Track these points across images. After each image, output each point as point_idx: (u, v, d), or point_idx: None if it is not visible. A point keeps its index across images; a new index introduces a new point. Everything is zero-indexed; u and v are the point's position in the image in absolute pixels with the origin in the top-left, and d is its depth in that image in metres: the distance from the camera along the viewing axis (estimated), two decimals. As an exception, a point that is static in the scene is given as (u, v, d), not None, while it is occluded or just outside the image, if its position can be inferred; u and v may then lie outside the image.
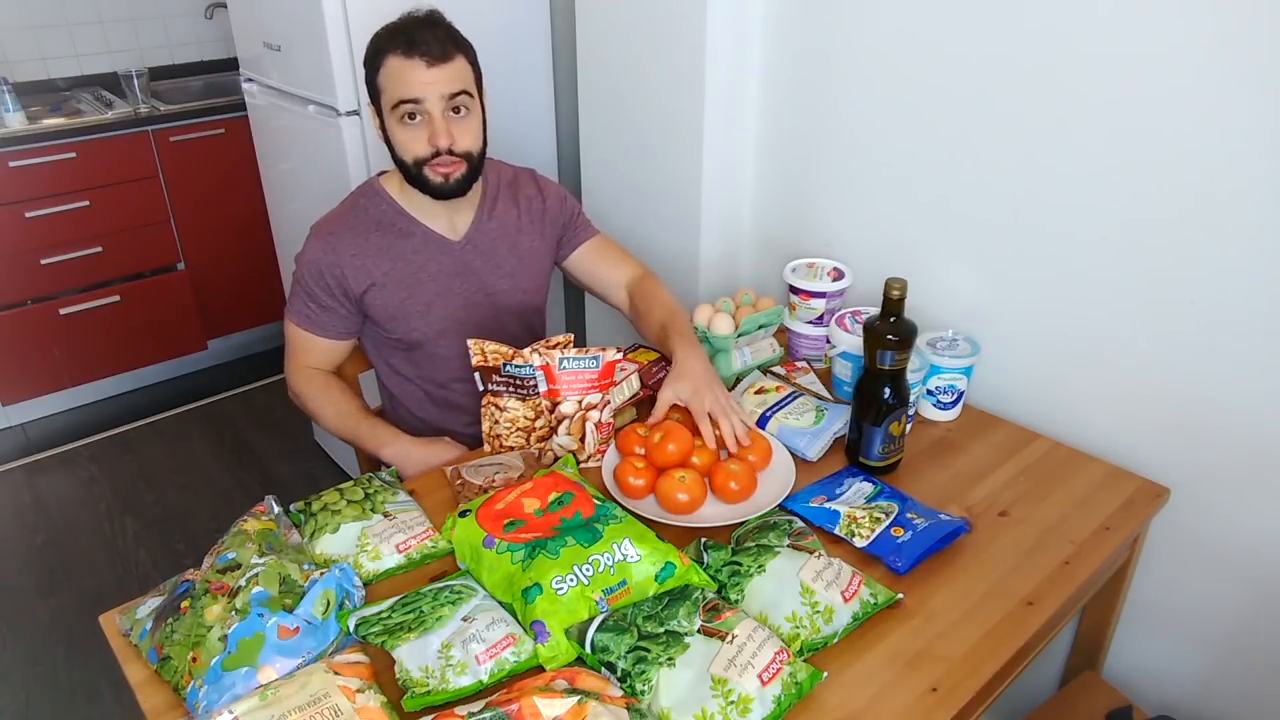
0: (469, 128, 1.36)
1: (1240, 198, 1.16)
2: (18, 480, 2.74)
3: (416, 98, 1.30)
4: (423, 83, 1.29)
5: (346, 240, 1.42)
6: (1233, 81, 1.13)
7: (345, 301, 1.43)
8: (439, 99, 1.31)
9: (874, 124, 1.56)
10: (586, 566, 1.01)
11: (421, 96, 1.30)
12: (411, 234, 1.45)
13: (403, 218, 1.45)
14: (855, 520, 1.16)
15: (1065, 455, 1.37)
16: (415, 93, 1.30)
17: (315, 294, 1.43)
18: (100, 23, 3.11)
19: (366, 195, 1.46)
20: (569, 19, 2.07)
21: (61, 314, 2.88)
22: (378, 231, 1.44)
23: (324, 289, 1.42)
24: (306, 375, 1.48)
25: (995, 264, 1.46)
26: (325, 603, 0.99)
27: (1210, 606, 1.36)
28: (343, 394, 1.47)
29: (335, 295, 1.42)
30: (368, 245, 1.42)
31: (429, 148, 1.33)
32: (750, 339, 1.55)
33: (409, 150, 1.35)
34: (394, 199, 1.45)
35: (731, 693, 0.88)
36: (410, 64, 1.29)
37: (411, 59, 1.29)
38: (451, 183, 1.37)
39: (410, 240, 1.45)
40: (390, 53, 1.30)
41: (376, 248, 1.43)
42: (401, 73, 1.30)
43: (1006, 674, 1.03)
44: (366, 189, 1.47)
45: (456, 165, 1.36)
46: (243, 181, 2.98)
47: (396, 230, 1.44)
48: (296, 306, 1.45)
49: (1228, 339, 1.22)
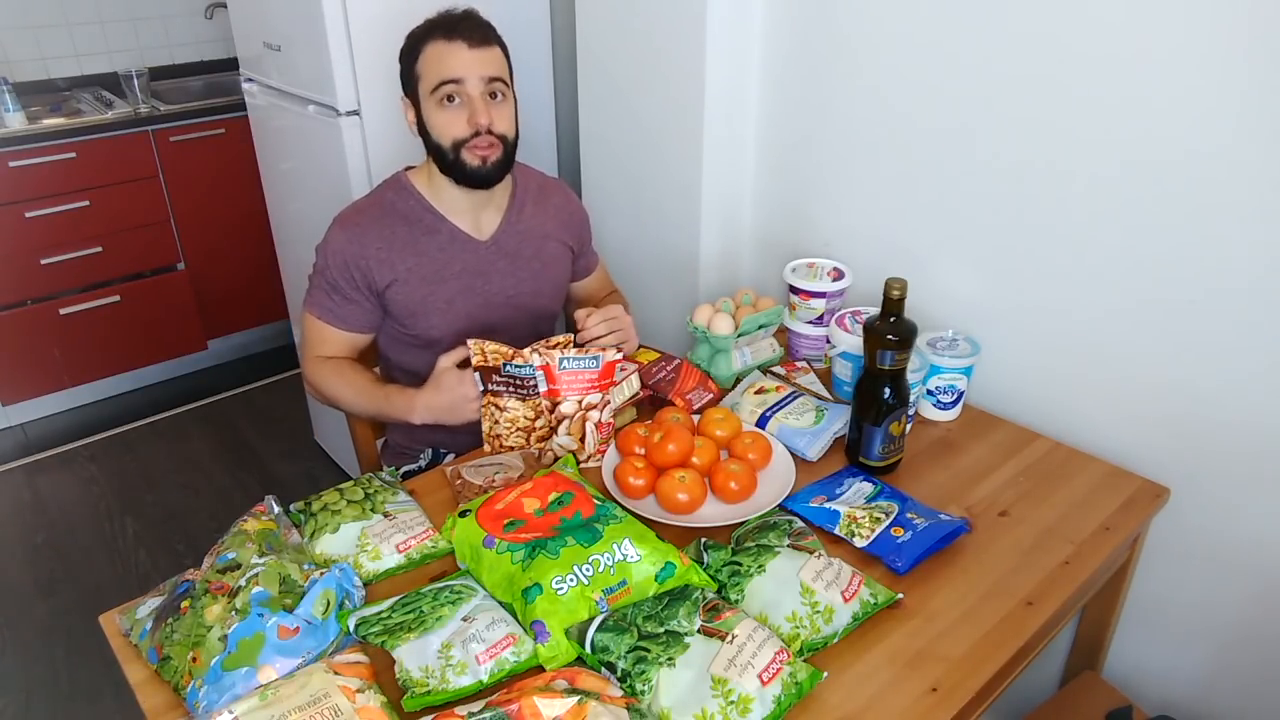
0: (505, 112, 1.38)
1: (1240, 198, 1.16)
2: (18, 480, 2.74)
3: (458, 77, 1.33)
4: (464, 62, 1.32)
5: (372, 233, 1.42)
6: (1233, 82, 1.13)
7: (368, 294, 1.43)
8: (479, 80, 1.34)
9: (874, 124, 1.56)
10: (586, 566, 1.01)
11: (463, 76, 1.33)
12: (438, 231, 1.45)
13: (430, 214, 1.45)
14: (855, 520, 1.16)
15: (1065, 455, 1.37)
16: (458, 72, 1.33)
17: (339, 285, 1.42)
18: (100, 23, 3.11)
19: (394, 189, 1.46)
20: (569, 19, 2.07)
21: (61, 314, 2.88)
22: (404, 226, 1.44)
23: (348, 280, 1.42)
24: (320, 363, 1.46)
25: (995, 264, 1.46)
26: (325, 603, 0.99)
27: (1210, 606, 1.36)
28: (356, 372, 1.45)
29: (359, 288, 1.42)
30: (394, 239, 1.42)
31: (468, 128, 1.35)
32: (750, 339, 1.55)
33: (448, 132, 1.36)
34: (422, 194, 1.45)
35: (731, 693, 0.88)
36: (452, 46, 1.32)
37: (454, 42, 1.33)
38: (489, 166, 1.38)
39: (436, 237, 1.45)
40: (431, 40, 1.34)
41: (402, 242, 1.43)
42: (443, 55, 1.33)
43: (1006, 674, 1.03)
44: (394, 182, 1.47)
45: (494, 147, 1.37)
46: (243, 181, 2.98)
47: (423, 226, 1.44)
48: (317, 298, 1.44)
49: (1228, 339, 1.22)
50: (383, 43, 1.80)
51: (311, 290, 1.46)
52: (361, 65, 1.89)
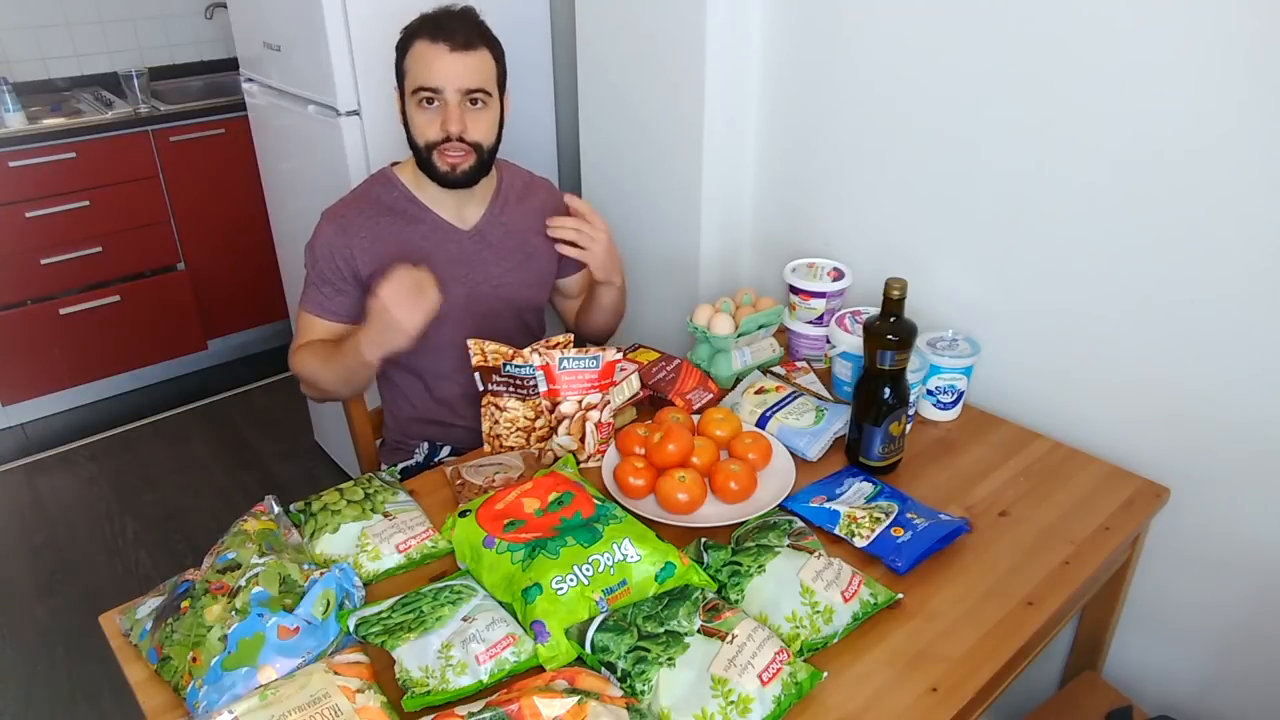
0: (483, 121, 1.39)
1: (1240, 199, 1.16)
2: (18, 480, 2.74)
3: (436, 87, 1.34)
4: (444, 71, 1.33)
5: (357, 224, 1.44)
6: (1232, 83, 1.13)
7: (355, 284, 1.45)
8: (456, 91, 1.34)
9: (874, 124, 1.56)
10: (586, 566, 1.01)
11: (441, 86, 1.34)
12: (421, 220, 1.47)
13: (414, 204, 1.47)
14: (855, 520, 1.16)
15: (1065, 455, 1.37)
16: (436, 81, 1.33)
17: (327, 276, 1.44)
18: (100, 23, 3.11)
19: (379, 182, 1.49)
20: (569, 19, 2.07)
21: (61, 314, 2.88)
22: (388, 216, 1.45)
23: (335, 272, 1.43)
24: (298, 350, 1.46)
25: (995, 264, 1.46)
26: (325, 603, 0.99)
27: (1210, 606, 1.36)
28: (323, 345, 1.44)
29: (346, 278, 1.44)
30: (378, 229, 1.44)
31: (440, 132, 1.36)
32: (750, 339, 1.55)
33: (422, 133, 1.38)
34: (406, 186, 1.47)
35: (731, 693, 0.88)
36: (435, 48, 1.33)
37: (436, 44, 1.33)
38: (457, 173, 1.39)
39: (419, 226, 1.47)
40: (418, 37, 1.35)
41: (386, 232, 1.44)
42: (425, 57, 1.34)
43: (1006, 674, 1.03)
44: (380, 176, 1.50)
45: (465, 156, 1.38)
46: (243, 181, 2.98)
47: (407, 216, 1.46)
48: (309, 294, 1.46)
49: (1228, 339, 1.22)
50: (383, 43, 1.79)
51: (305, 288, 1.47)
52: (361, 65, 1.89)
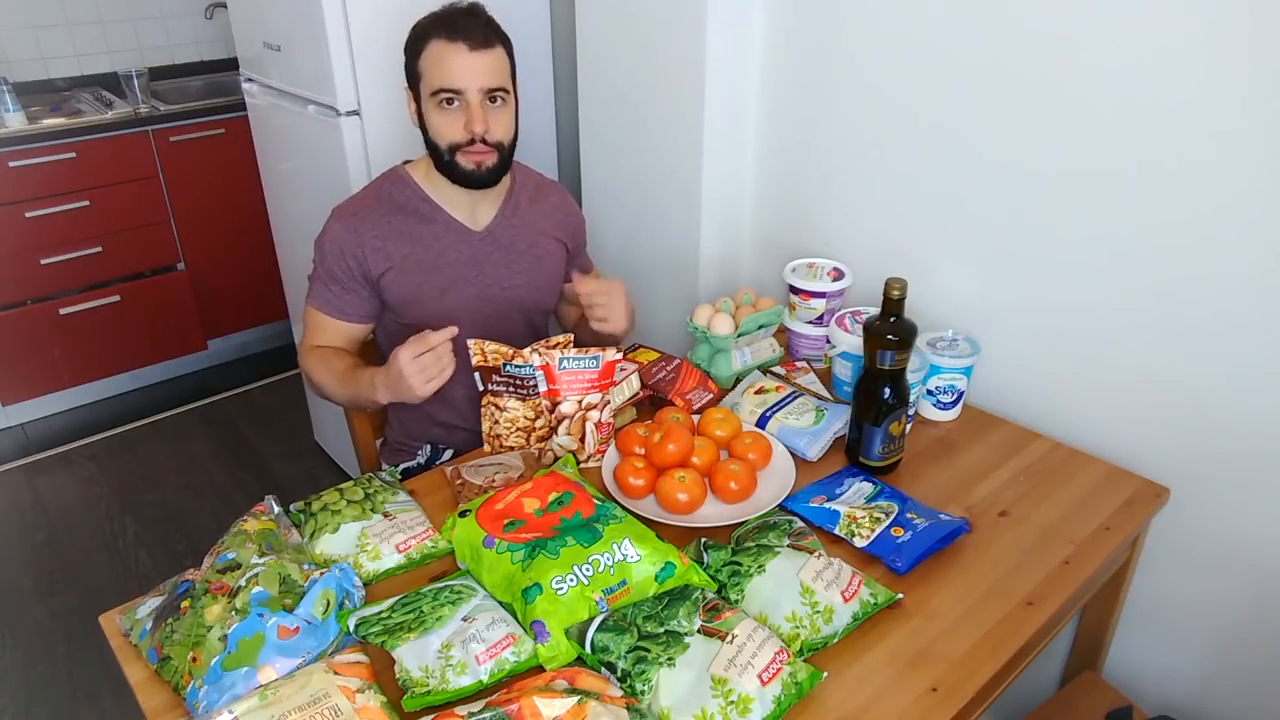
0: (503, 118, 1.39)
1: (1241, 199, 1.16)
2: (18, 480, 2.74)
3: (458, 88, 1.33)
4: (465, 70, 1.32)
5: (369, 222, 1.43)
6: (1234, 83, 1.13)
7: (365, 284, 1.44)
8: (478, 91, 1.34)
9: (874, 124, 1.56)
10: (586, 566, 1.01)
11: (463, 87, 1.33)
12: (433, 220, 1.46)
13: (426, 204, 1.46)
14: (855, 520, 1.16)
15: (1065, 455, 1.37)
16: (458, 82, 1.33)
17: (336, 275, 1.43)
18: (100, 23, 3.11)
19: (391, 180, 1.48)
20: (569, 19, 2.07)
21: (61, 314, 2.88)
22: (400, 215, 1.45)
23: (344, 270, 1.43)
24: (311, 351, 1.46)
25: (995, 264, 1.46)
26: (325, 603, 0.99)
27: (1210, 606, 1.36)
28: (339, 358, 1.43)
29: (355, 277, 1.43)
30: (389, 228, 1.43)
31: (464, 134, 1.35)
32: (750, 339, 1.55)
33: (444, 135, 1.37)
34: (419, 185, 1.47)
35: (731, 693, 0.88)
36: (453, 48, 1.32)
37: (455, 43, 1.32)
38: (483, 171, 1.39)
39: (432, 226, 1.46)
40: (433, 37, 1.34)
41: (398, 231, 1.44)
42: (444, 57, 1.33)
43: (1006, 674, 1.03)
44: (391, 174, 1.49)
45: (489, 154, 1.38)
46: (243, 181, 2.98)
47: (419, 216, 1.46)
48: (317, 290, 1.46)
49: (1228, 339, 1.22)
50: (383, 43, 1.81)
51: (312, 283, 1.47)
52: (361, 65, 1.89)
